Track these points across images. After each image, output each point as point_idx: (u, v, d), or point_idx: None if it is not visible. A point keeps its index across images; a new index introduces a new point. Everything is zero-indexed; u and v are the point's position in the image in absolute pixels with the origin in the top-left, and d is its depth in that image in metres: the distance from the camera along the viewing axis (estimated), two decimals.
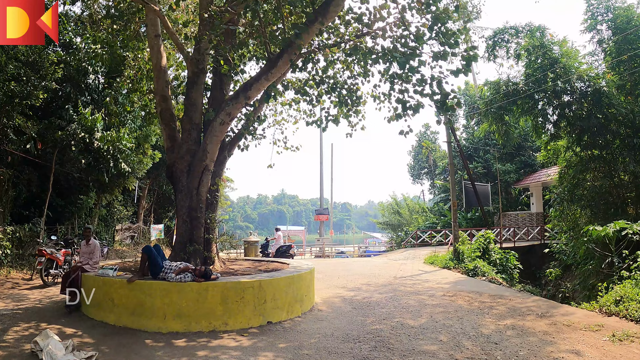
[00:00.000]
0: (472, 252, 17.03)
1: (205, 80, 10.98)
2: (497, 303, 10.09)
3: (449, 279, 13.59)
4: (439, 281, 13.08)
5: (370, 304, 9.46)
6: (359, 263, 18.14)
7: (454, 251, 16.78)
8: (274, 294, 7.80)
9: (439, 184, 34.91)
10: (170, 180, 10.43)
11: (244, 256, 15.23)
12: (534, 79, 17.80)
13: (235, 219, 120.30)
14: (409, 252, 21.05)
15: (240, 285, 7.54)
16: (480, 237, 17.76)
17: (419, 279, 13.36)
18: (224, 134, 9.82)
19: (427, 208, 33.61)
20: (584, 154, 17.61)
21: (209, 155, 9.78)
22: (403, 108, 9.51)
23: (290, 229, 59.60)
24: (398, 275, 14.20)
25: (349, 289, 11.40)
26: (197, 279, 7.50)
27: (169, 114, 10.55)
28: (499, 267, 17.64)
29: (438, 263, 16.69)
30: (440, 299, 10.25)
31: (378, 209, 39.80)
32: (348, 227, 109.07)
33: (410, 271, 15.21)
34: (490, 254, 17.77)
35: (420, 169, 40.95)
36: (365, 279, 13.16)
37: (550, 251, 22.40)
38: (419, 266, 16.72)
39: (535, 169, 28.74)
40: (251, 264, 10.80)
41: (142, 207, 27.08)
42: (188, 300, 7.44)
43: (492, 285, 12.91)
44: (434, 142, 41.04)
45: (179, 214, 10.10)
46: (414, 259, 18.83)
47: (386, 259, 19.76)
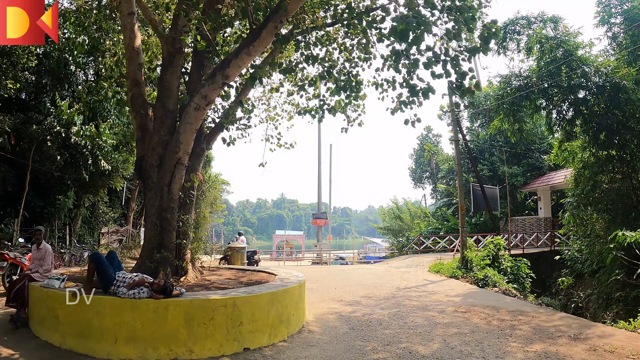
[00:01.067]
0: (481, 260, 15.48)
1: (184, 63, 9.49)
2: (519, 321, 8.52)
3: (458, 291, 12.02)
4: (447, 293, 11.51)
5: (371, 323, 7.88)
6: (359, 271, 16.56)
7: (462, 259, 15.22)
8: (252, 313, 6.24)
9: (441, 188, 33.37)
10: (139, 176, 8.90)
11: (228, 264, 13.60)
12: (546, 72, 16.32)
13: (235, 224, 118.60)
14: (411, 259, 19.47)
15: (209, 304, 5.98)
16: (490, 243, 16.19)
17: (425, 291, 11.79)
18: (200, 121, 8.29)
19: (429, 213, 32.03)
20: (600, 154, 16.11)
21: (182, 146, 8.25)
22: (411, 92, 8.01)
23: (288, 234, 57.88)
24: (401, 285, 12.63)
25: (347, 303, 9.83)
26: (155, 295, 5.95)
27: (141, 100, 9.03)
28: (510, 275, 16.07)
29: (444, 272, 15.12)
30: (452, 316, 8.68)
31: (378, 213, 38.20)
32: (348, 232, 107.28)
33: (414, 281, 13.64)
34: (500, 262, 16.20)
35: (422, 172, 39.43)
36: (366, 290, 11.59)
37: (561, 258, 20.83)
38: (424, 275, 15.14)
39: (543, 172, 27.19)
40: (233, 274, 9.23)
41: (132, 210, 25.52)
42: (144, 321, 5.90)
43: (508, 299, 11.33)
44: (436, 145, 39.57)
45: (148, 215, 8.57)
46: (418, 267, 17.25)
47: (387, 267, 18.18)
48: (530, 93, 16.27)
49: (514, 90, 16.49)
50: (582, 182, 16.77)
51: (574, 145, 16.83)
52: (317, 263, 24.27)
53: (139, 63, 9.29)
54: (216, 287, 7.41)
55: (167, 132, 8.62)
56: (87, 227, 20.60)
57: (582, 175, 16.79)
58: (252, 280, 8.04)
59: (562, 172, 25.18)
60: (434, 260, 18.66)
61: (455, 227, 26.81)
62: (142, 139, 8.84)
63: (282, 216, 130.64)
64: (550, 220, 26.43)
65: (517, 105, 16.33)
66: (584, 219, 16.94)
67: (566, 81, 16.01)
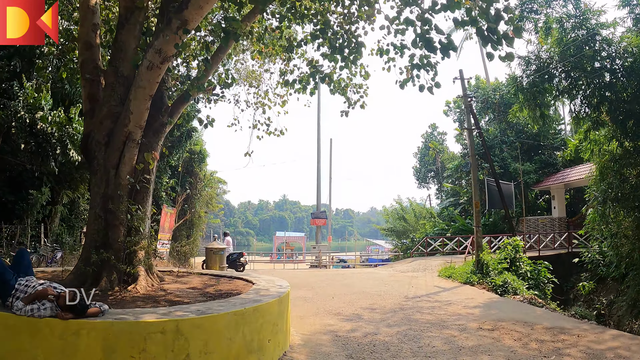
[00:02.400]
0: (498, 264, 13.51)
1: (144, 21, 7.61)
2: (564, 343, 6.55)
3: (476, 300, 10.05)
4: (465, 303, 9.54)
5: (375, 348, 5.91)
6: (361, 276, 14.58)
7: (477, 262, 13.24)
8: (206, 342, 4.29)
9: (448, 187, 31.35)
10: (85, 156, 7.00)
11: (205, 267, 11.61)
12: (567, 54, 14.38)
13: (236, 225, 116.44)
14: (418, 263, 17.49)
15: (139, 328, 4.05)
16: (507, 245, 14.20)
17: (438, 300, 9.81)
18: (155, 84, 6.37)
19: (435, 213, 29.97)
20: (628, 144, 14.16)
21: (133, 117, 6.35)
22: (427, 47, 6.09)
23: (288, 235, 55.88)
24: (410, 293, 10.66)
25: (346, 318, 7.86)
26: (61, 314, 4.03)
27: (92, 66, 7.13)
28: (530, 281, 14.09)
29: (457, 277, 13.15)
30: (477, 337, 6.71)
31: (382, 214, 36.18)
32: (350, 234, 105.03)
33: (424, 288, 11.67)
34: (518, 265, 14.21)
35: (426, 172, 37.40)
36: (368, 300, 9.63)
37: (580, 261, 18.82)
38: (434, 280, 13.17)
39: (556, 168, 25.15)
40: (203, 281, 7.29)
41: None
42: (47, 351, 3.99)
43: (538, 310, 9.34)
44: (441, 143, 37.57)
45: (91, 205, 6.67)
46: (426, 271, 15.27)
47: (392, 270, 16.20)
48: (552, 76, 14.32)
49: (534, 72, 14.52)
50: (609, 176, 14.80)
51: (599, 134, 14.86)
52: (316, 266, 22.13)
53: (93, 23, 7.39)
54: (169, 300, 5.48)
55: (118, 103, 6.72)
56: (65, 225, 18.68)
57: (609, 168, 14.82)
58: (220, 291, 6.09)
59: (577, 168, 23.17)
60: (443, 263, 16.67)
61: (463, 228, 24.81)
62: (91, 111, 6.95)
63: (284, 218, 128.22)
64: (565, 221, 24.41)
65: (538, 88, 14.36)
66: (610, 217, 14.96)
67: (589, 63, 14.11)
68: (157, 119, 6.90)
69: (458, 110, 31.72)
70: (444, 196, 35.63)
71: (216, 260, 12.05)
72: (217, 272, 9.02)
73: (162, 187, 25.55)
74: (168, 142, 22.56)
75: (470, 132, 14.17)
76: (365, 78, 11.58)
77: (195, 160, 29.37)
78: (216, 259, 12.11)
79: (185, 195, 28.30)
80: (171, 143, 22.63)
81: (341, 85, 11.53)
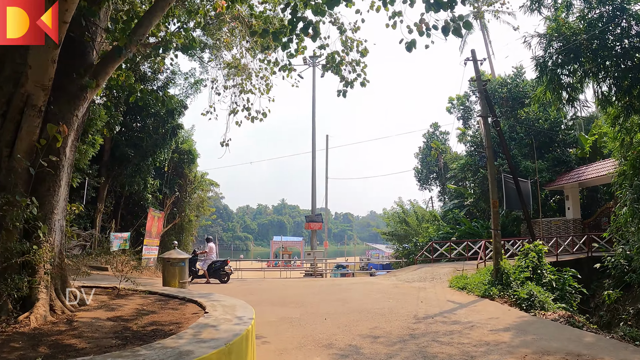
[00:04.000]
0: (520, 272, 11.51)
1: None
2: None
3: (503, 320, 8.02)
4: (490, 325, 7.51)
5: None
6: (360, 287, 12.53)
7: (495, 272, 11.21)
8: None
9: (452, 188, 29.34)
10: None
11: (163, 284, 9.52)
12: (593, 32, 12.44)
13: (235, 230, 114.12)
14: (424, 270, 15.44)
15: None
16: (528, 250, 12.17)
17: (456, 321, 7.78)
18: (64, 24, 4.40)
19: (438, 216, 27.91)
20: None
21: (31, 72, 4.39)
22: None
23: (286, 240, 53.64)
24: (420, 311, 8.62)
25: (339, 353, 5.80)
26: None
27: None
28: (555, 291, 12.07)
29: (472, 289, 11.12)
30: None
31: (382, 217, 33.99)
32: (349, 238, 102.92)
33: (436, 303, 9.63)
34: (541, 274, 12.19)
35: (428, 173, 35.33)
36: (369, 322, 7.59)
37: (602, 266, 16.79)
38: (446, 293, 11.13)
39: (570, 166, 23.12)
40: (141, 306, 5.26)
41: (99, 211, 21.53)
42: None
43: (587, 336, 7.27)
44: (443, 143, 35.58)
45: None
46: (434, 281, 13.23)
47: (395, 280, 14.16)
48: (577, 54, 12.35)
49: (557, 52, 12.56)
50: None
51: (632, 120, 12.89)
52: (311, 275, 19.94)
53: None
54: (58, 344, 3.47)
55: (24, 59, 4.74)
56: None
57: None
58: (146, 331, 4.06)
59: (594, 165, 21.19)
60: (452, 271, 14.65)
61: (470, 231, 22.79)
62: None
63: (282, 222, 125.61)
64: (580, 222, 22.38)
65: (562, 68, 12.41)
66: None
67: (618, 42, 12.20)
68: (75, 81, 4.91)
69: (462, 108, 29.78)
70: (446, 198, 33.63)
71: (175, 274, 9.15)
72: (174, 290, 6.94)
73: (147, 189, 23.58)
74: (150, 140, 20.62)
75: (485, 120, 12.17)
76: (364, 55, 9.73)
77: (185, 161, 27.33)
78: (175, 272, 9.19)
79: (174, 198, 26.28)
80: (154, 141, 20.64)
81: (335, 61, 9.65)
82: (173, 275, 9.24)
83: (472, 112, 29.86)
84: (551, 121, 23.87)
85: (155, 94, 8.43)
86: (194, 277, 14.43)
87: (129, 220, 24.63)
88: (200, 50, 19.07)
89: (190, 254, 15.64)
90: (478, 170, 23.49)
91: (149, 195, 23.97)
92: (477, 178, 24.34)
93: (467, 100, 29.86)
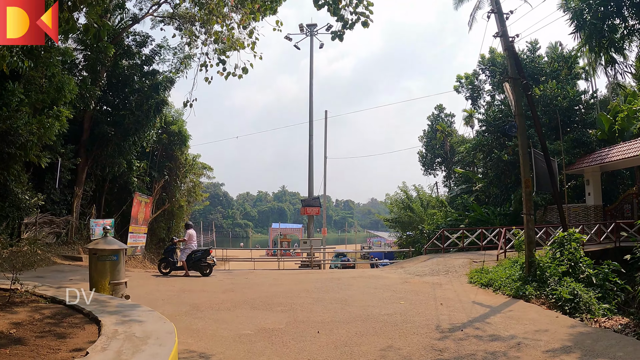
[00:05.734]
0: (556, 267, 9.45)
1: None
2: None
3: (554, 332, 5.97)
4: (543, 342, 5.45)
5: None
6: (363, 282, 10.44)
7: (528, 265, 9.14)
8: None
9: (460, 172, 27.18)
10: None
11: (90, 287, 6.23)
12: None
13: (235, 217, 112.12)
14: (435, 261, 13.40)
15: None
16: (565, 239, 10.08)
17: (495, 336, 5.71)
18: None
19: (446, 202, 25.79)
20: None
21: None
22: None
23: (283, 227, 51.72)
24: (442, 320, 6.56)
25: None
26: None
27: None
28: (596, 288, 10.03)
29: (500, 286, 9.06)
30: None
31: (385, 204, 31.86)
32: (350, 226, 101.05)
33: (460, 306, 7.57)
34: (578, 268, 10.13)
35: (433, 157, 33.15)
36: (378, 338, 5.53)
37: (633, 258, 14.71)
38: (468, 292, 9.07)
39: (590, 148, 20.94)
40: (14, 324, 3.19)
41: (77, 196, 19.43)
42: None
43: None
44: (449, 125, 33.35)
45: None
46: (449, 275, 11.18)
47: (404, 273, 12.11)
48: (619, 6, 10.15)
49: (596, 3, 10.34)
50: None
51: None
52: (307, 266, 17.78)
53: None
54: None
55: None
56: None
57: None
58: None
59: (618, 147, 18.99)
60: (468, 262, 12.61)
61: (480, 218, 20.71)
62: None
63: (283, 209, 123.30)
64: (601, 209, 20.28)
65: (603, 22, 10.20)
66: None
67: None
68: None
69: (471, 87, 27.52)
70: (452, 184, 31.53)
71: (105, 271, 6.10)
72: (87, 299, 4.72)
73: (133, 172, 21.49)
74: (132, 117, 18.44)
75: (515, 82, 10.01)
76: None
77: (175, 143, 25.12)
78: (105, 269, 6.11)
79: (164, 182, 24.19)
80: (136, 118, 18.46)
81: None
82: (102, 273, 6.15)
83: (482, 91, 27.65)
84: (570, 99, 21.63)
85: None
86: (172, 269, 12.42)
87: (115, 205, 22.50)
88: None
89: (169, 244, 13.59)
90: (492, 151, 21.26)
91: (134, 178, 21.88)
92: (489, 160, 22.15)
93: (476, 79, 27.64)
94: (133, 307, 4.14)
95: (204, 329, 5.71)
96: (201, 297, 8.22)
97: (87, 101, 17.19)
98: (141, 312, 3.91)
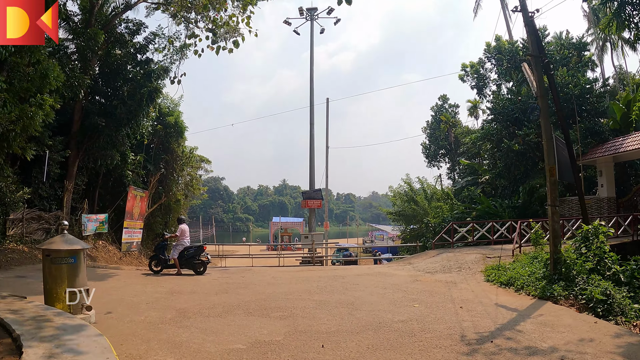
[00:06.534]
0: (582, 263, 8.53)
1: None
2: None
3: (599, 342, 5.05)
4: (589, 355, 4.54)
5: None
6: (370, 282, 9.51)
7: (554, 262, 8.22)
8: None
9: (465, 163, 26.22)
10: None
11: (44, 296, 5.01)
12: None
13: (235, 211, 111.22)
14: (445, 257, 12.50)
15: None
16: (590, 233, 9.17)
17: (532, 349, 4.77)
18: None
19: (452, 194, 24.84)
20: None
21: None
22: None
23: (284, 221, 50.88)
24: (466, 327, 5.65)
25: None
26: None
27: None
28: (624, 286, 9.13)
29: (523, 285, 8.14)
30: None
31: (388, 197, 30.88)
32: (351, 219, 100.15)
33: (482, 309, 6.65)
34: (604, 264, 9.22)
35: (437, 149, 32.17)
36: (394, 353, 4.59)
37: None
38: (488, 292, 8.16)
39: (603, 138, 20.00)
40: None
41: (68, 190, 18.48)
42: None
43: None
44: (453, 116, 32.33)
45: None
46: (462, 272, 10.26)
47: (413, 269, 11.20)
48: None
49: None
50: None
51: None
52: (309, 262, 16.82)
53: None
54: None
55: None
56: None
57: None
58: None
59: (632, 137, 18.04)
60: (480, 258, 11.71)
61: (488, 210, 19.77)
62: None
63: (284, 203, 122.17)
64: (615, 201, 19.35)
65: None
66: None
67: None
68: None
69: (476, 76, 26.47)
70: (457, 176, 30.58)
71: (61, 277, 4.90)
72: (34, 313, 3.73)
73: (127, 165, 20.56)
74: (124, 107, 17.47)
75: (537, 61, 9.04)
76: None
77: (172, 135, 24.11)
78: (61, 274, 4.92)
79: (160, 176, 23.24)
80: (128, 108, 17.48)
81: None
82: (57, 279, 4.90)
83: (488, 80, 26.61)
84: (581, 87, 20.63)
85: None
86: (163, 266, 11.52)
87: (109, 200, 21.53)
88: None
89: (160, 241, 12.68)
90: (501, 141, 20.26)
91: (129, 172, 20.95)
92: (497, 151, 21.17)
93: (482, 68, 26.60)
94: (77, 330, 3.21)
95: (187, 342, 4.81)
96: (190, 300, 7.32)
97: (76, 90, 16.18)
98: (85, 338, 3.00)
